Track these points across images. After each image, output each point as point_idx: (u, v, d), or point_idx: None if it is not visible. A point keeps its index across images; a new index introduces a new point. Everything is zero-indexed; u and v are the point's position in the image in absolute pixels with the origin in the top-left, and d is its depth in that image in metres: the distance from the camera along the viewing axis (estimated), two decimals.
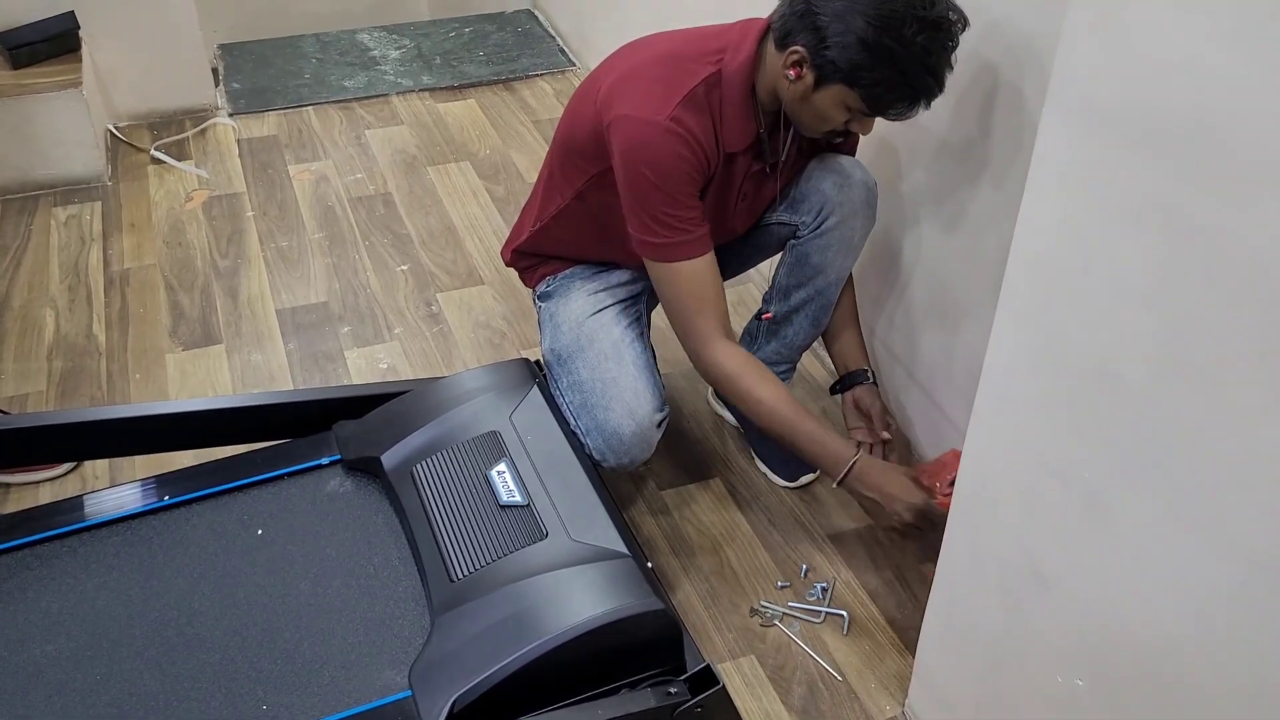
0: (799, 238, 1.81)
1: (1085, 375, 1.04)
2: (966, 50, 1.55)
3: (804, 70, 1.54)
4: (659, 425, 1.75)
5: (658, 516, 1.89)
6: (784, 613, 1.73)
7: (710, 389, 2.12)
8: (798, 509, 1.92)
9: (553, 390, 1.78)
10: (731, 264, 1.98)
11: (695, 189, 1.62)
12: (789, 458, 1.97)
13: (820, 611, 1.72)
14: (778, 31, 1.57)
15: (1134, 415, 1.00)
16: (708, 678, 1.42)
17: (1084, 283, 1.01)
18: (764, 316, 1.91)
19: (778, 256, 1.90)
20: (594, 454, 1.70)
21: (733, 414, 2.07)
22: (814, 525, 1.88)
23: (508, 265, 1.93)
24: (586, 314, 1.77)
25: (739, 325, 1.98)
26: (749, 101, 1.63)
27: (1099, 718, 1.16)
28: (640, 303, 1.87)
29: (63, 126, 2.73)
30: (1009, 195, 1.65)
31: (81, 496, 1.69)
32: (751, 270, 2.05)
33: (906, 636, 1.68)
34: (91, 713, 1.36)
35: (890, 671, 1.64)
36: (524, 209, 1.90)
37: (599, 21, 3.36)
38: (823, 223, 1.78)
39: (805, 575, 1.79)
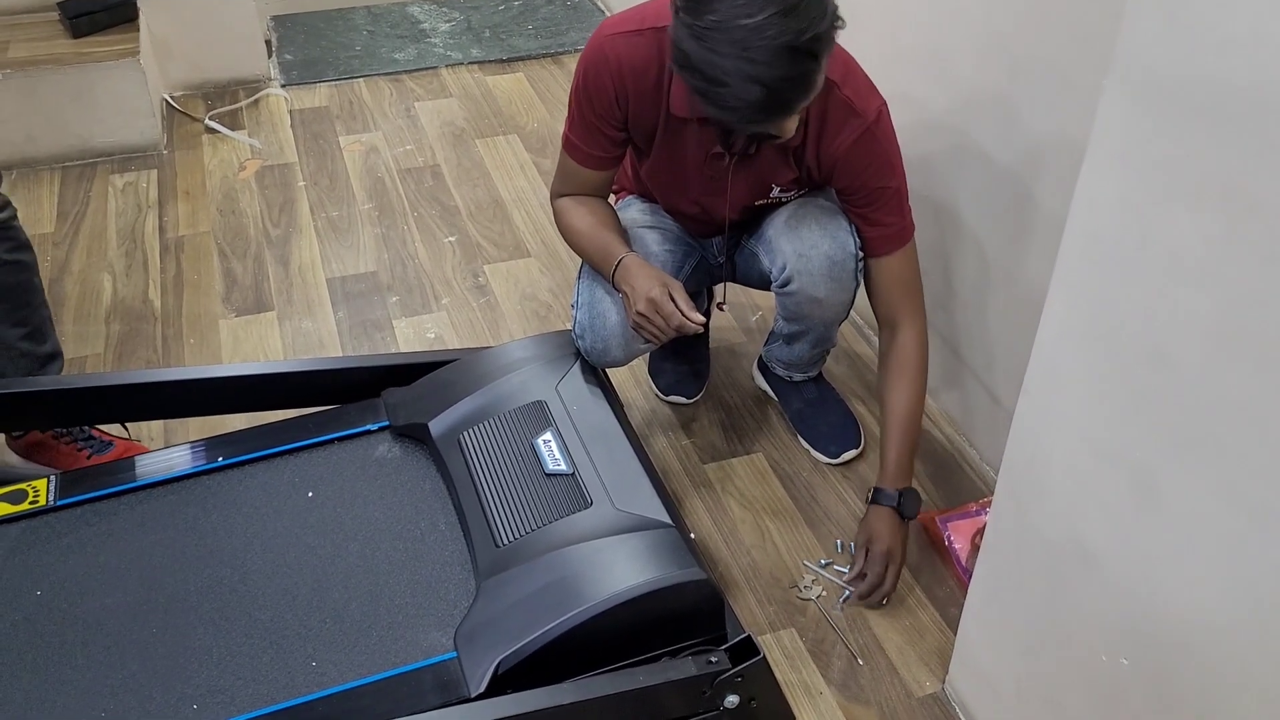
0: (772, 283, 1.78)
1: (1138, 354, 1.04)
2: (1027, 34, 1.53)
3: None
4: (645, 343, 1.74)
5: (700, 489, 1.91)
6: (825, 589, 1.73)
7: (755, 363, 2.13)
8: (839, 486, 1.92)
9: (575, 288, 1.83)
10: (746, 275, 1.96)
11: (608, 113, 1.64)
12: (832, 434, 1.98)
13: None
14: None
15: (1187, 395, 0.99)
16: (748, 648, 1.42)
17: (1140, 261, 1.01)
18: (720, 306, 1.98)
19: None
20: (575, 330, 1.76)
21: (774, 390, 2.07)
22: (855, 502, 1.88)
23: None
24: (636, 224, 1.82)
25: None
26: None
27: (1142, 697, 1.16)
28: (691, 255, 1.87)
29: (120, 95, 2.77)
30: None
31: (138, 457, 1.73)
32: None
33: (948, 614, 1.69)
34: (149, 665, 1.40)
35: (931, 647, 1.64)
36: None
37: None
38: (786, 283, 1.74)
39: (844, 550, 1.80)
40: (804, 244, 1.70)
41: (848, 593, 1.72)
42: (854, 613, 1.70)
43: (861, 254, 1.71)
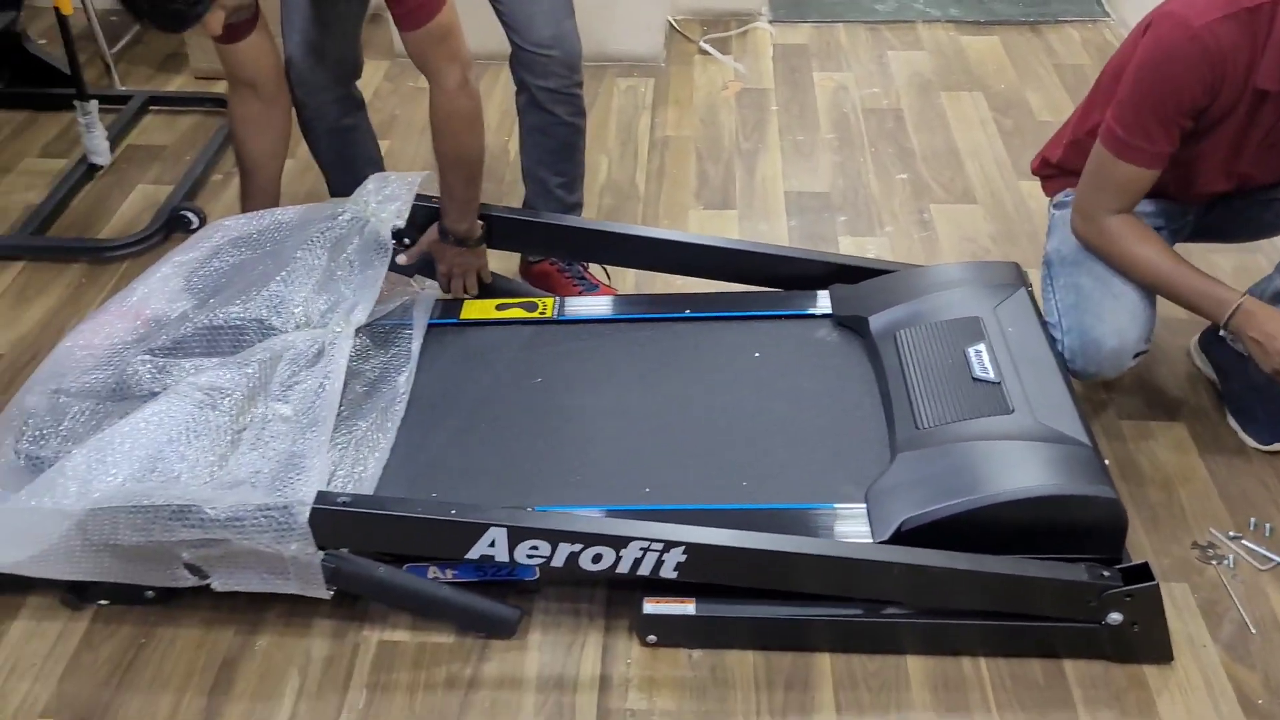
0: None
1: None
2: None
3: None
4: (1135, 356, 1.80)
5: (1112, 441, 1.94)
6: (1230, 557, 1.72)
7: (1193, 341, 2.10)
8: (1263, 473, 1.88)
9: (1044, 286, 1.88)
10: (1244, 226, 1.93)
11: (1190, 108, 1.61)
12: (1269, 421, 1.92)
13: (1271, 559, 1.70)
14: None
15: None
16: (1143, 573, 1.49)
17: None
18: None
19: None
20: (1065, 352, 1.79)
21: (1213, 368, 2.04)
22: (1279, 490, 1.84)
23: (1034, 173, 2.04)
24: None
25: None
26: None
27: None
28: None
29: (637, 10, 3.18)
30: None
31: (622, 296, 2.07)
32: (1264, 241, 2.00)
33: None
34: (612, 453, 1.72)
35: None
36: (1063, 126, 1.98)
37: None
38: None
39: (1257, 528, 1.77)
40: None
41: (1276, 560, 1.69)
42: (1253, 587, 1.68)
43: None
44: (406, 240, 1.98)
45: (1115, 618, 1.49)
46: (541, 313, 1.99)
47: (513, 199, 2.51)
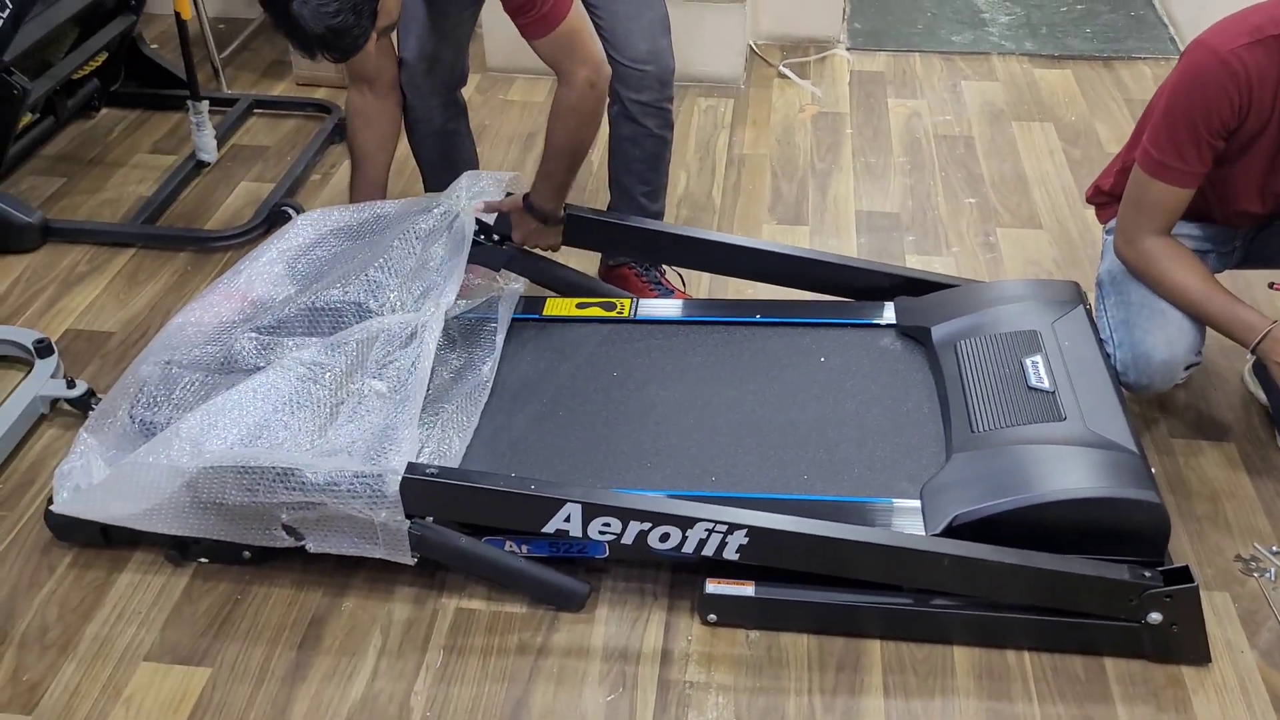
0: None
1: None
2: None
3: None
4: (1187, 369, 1.87)
5: (1161, 456, 2.00)
6: (1272, 569, 1.77)
7: (1247, 365, 2.15)
8: None
9: (1097, 308, 1.96)
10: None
11: (1223, 129, 1.68)
12: None
13: None
14: None
15: None
16: (1184, 576, 1.56)
17: None
18: (1274, 286, 1.93)
19: None
20: (1117, 365, 1.86)
21: (1265, 394, 2.09)
22: None
23: (1088, 201, 2.12)
24: None
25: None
26: None
27: None
28: (1207, 260, 1.96)
29: (720, 34, 3.31)
30: None
31: (695, 300, 2.18)
32: None
33: None
34: (683, 443, 1.83)
35: None
36: (1117, 155, 2.07)
37: (1219, 12, 3.31)
38: None
39: None
40: None
41: None
42: None
43: None
44: (496, 237, 2.12)
45: (1155, 617, 1.56)
46: (619, 313, 2.11)
47: (595, 204, 2.65)
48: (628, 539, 1.63)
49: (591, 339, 2.06)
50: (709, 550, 1.61)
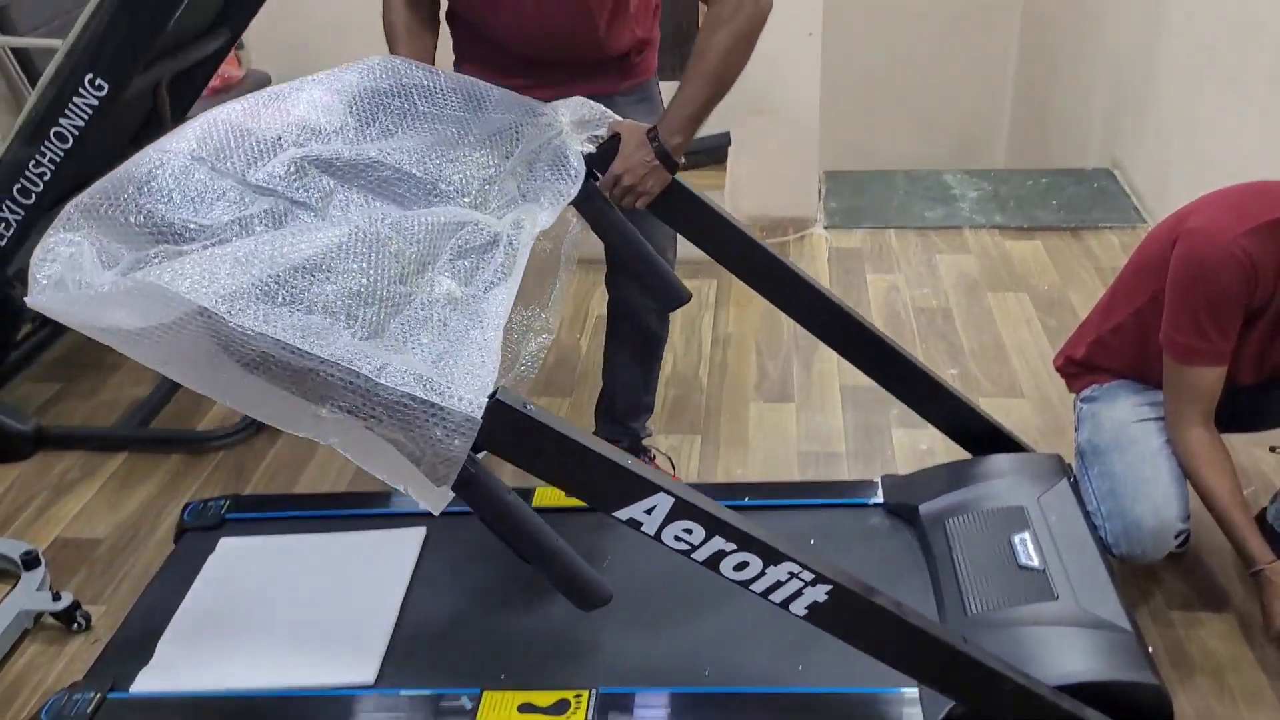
0: None
1: None
2: None
3: None
4: (1177, 536, 1.87)
5: (1161, 628, 1.98)
6: None
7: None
8: None
9: (1080, 477, 1.97)
10: (1266, 416, 2.02)
11: (1239, 312, 1.75)
12: None
13: None
14: None
15: None
16: None
17: None
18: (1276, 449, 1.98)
19: None
20: (1108, 537, 1.87)
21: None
22: None
23: (1058, 370, 2.16)
24: (1130, 419, 1.95)
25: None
26: None
27: None
28: None
29: None
30: None
31: (691, 485, 2.18)
32: None
33: None
34: (677, 644, 1.80)
35: None
36: (1083, 324, 2.13)
37: (1180, 183, 3.46)
38: None
39: None
40: None
41: None
42: None
43: None
44: (597, 174, 1.85)
45: None
46: None
47: (582, 390, 2.70)
48: (700, 555, 1.46)
49: (578, 527, 2.05)
50: (779, 596, 1.50)
